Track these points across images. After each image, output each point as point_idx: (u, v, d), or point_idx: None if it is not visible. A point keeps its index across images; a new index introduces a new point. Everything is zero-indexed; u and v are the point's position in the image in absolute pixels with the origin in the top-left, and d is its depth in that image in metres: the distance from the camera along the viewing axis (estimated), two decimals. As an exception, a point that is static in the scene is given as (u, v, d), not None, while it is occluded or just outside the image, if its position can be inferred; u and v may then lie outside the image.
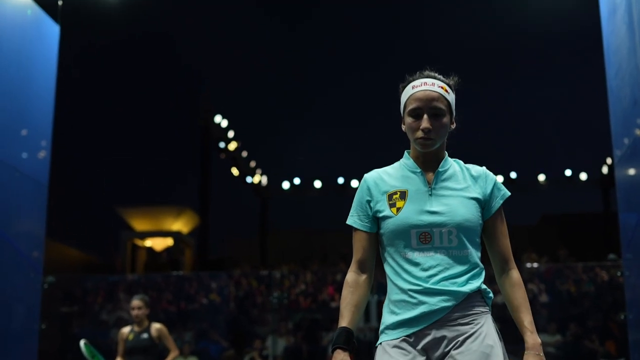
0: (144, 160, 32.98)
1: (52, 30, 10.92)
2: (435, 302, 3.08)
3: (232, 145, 27.53)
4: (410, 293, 3.12)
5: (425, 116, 3.17)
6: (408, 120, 3.23)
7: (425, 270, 3.12)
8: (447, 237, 3.13)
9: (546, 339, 16.33)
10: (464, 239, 3.16)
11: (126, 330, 9.28)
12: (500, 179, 26.64)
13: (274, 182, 30.12)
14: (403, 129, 3.30)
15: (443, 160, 3.28)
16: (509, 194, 3.33)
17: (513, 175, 27.60)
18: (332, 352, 3.08)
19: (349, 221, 3.32)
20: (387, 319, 3.18)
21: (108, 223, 32.83)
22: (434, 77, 3.25)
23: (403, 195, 3.21)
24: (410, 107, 3.22)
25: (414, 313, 3.07)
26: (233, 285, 19.36)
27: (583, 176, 27.76)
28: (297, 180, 29.36)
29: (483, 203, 3.25)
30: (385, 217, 3.21)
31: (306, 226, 33.56)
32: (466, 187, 3.24)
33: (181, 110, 31.46)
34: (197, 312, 18.78)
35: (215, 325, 18.38)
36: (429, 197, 3.19)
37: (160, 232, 31.02)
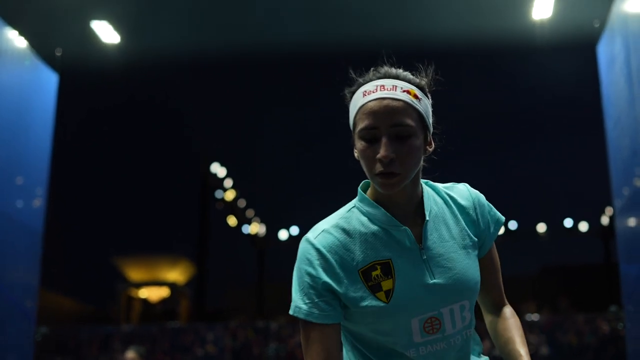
0: (140, 209, 32.93)
1: (50, 79, 10.93)
2: None
3: (230, 195, 27.48)
4: None
5: (384, 139, 1.97)
6: (359, 145, 2.03)
7: None
8: (459, 315, 2.09)
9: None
10: (473, 309, 2.17)
11: (120, 383, 9.12)
12: (500, 230, 26.79)
13: (272, 232, 30.02)
14: (356, 155, 2.08)
15: (424, 200, 2.13)
16: (503, 218, 2.28)
17: (513, 225, 27.52)
18: None
19: (297, 312, 2.03)
20: None
21: (103, 272, 32.66)
22: (396, 77, 2.06)
23: (387, 269, 2.03)
24: (360, 125, 2.02)
25: None
26: (229, 336, 19.16)
27: (583, 226, 27.71)
28: (294, 230, 29.26)
29: (479, 241, 2.20)
30: (369, 309, 2.01)
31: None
32: (460, 230, 2.15)
33: (177, 159, 31.47)
34: (192, 364, 18.56)
35: (211, 377, 18.16)
36: (423, 264, 2.05)
37: (156, 282, 30.84)
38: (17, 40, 9.99)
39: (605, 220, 26.72)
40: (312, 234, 2.08)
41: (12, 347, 9.59)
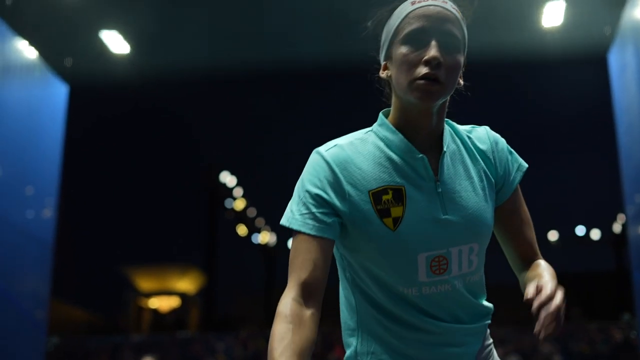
0: (149, 219, 32.98)
1: (60, 90, 10.95)
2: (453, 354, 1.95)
3: (240, 204, 27.47)
4: (415, 345, 1.93)
5: (433, 42, 1.80)
6: (400, 51, 1.85)
7: (443, 310, 1.94)
8: (467, 258, 1.93)
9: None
10: (481, 256, 1.99)
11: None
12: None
13: (282, 240, 30.01)
14: (384, 75, 1.94)
15: (443, 133, 1.97)
16: (526, 165, 2.09)
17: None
18: None
19: (288, 222, 1.88)
20: None
21: (113, 282, 32.67)
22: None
23: (399, 196, 1.88)
24: (407, 29, 1.84)
25: None
26: (240, 346, 19.11)
27: (595, 234, 27.62)
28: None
29: (496, 186, 2.02)
30: (373, 234, 1.86)
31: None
32: (477, 172, 1.99)
33: (187, 168, 31.51)
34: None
35: (222, 387, 18.11)
36: (437, 197, 1.90)
37: (166, 291, 30.83)
38: (27, 50, 10.01)
39: (617, 227, 26.61)
40: (324, 147, 1.94)
41: (24, 357, 9.59)
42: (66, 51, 11.22)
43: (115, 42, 11.82)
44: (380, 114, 1.98)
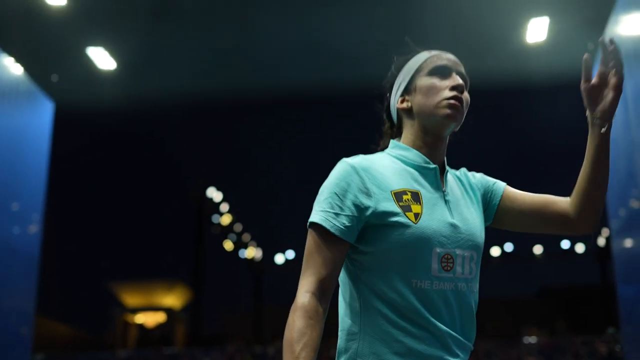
0: (136, 234, 32.92)
1: (46, 106, 10.96)
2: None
3: (226, 219, 27.46)
4: (425, 341, 2.06)
5: (454, 74, 2.21)
6: (427, 81, 2.23)
7: (447, 310, 2.10)
8: (468, 263, 2.15)
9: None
10: (478, 269, 2.20)
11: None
12: (496, 251, 26.20)
13: (268, 256, 29.97)
14: (405, 105, 2.27)
15: (445, 159, 2.31)
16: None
17: (509, 247, 27.47)
18: None
19: (317, 217, 2.06)
20: None
21: (99, 298, 32.58)
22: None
23: (416, 197, 2.14)
24: (432, 65, 2.24)
25: None
26: (226, 361, 19.07)
27: (580, 248, 27.70)
28: (290, 254, 29.23)
29: (483, 206, 2.34)
30: (397, 225, 2.06)
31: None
32: (469, 194, 2.32)
33: (173, 184, 31.50)
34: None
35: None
36: (445, 204, 2.18)
37: (152, 307, 30.71)
38: (13, 67, 10.02)
39: (601, 241, 26.72)
40: (348, 158, 2.16)
41: (8, 374, 9.55)
42: (52, 68, 11.22)
43: (102, 59, 11.83)
44: (392, 141, 2.29)
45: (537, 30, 11.71)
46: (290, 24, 12.23)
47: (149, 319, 30.70)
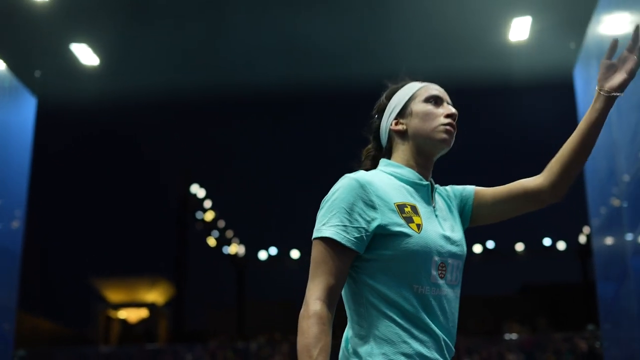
0: (119, 230, 32.77)
1: (29, 102, 10.93)
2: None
3: (209, 215, 27.44)
4: (426, 343, 2.25)
5: (446, 104, 2.50)
6: (425, 108, 2.47)
7: (442, 315, 2.31)
8: (456, 272, 2.38)
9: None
10: (461, 277, 2.45)
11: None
12: (478, 248, 26.33)
13: (251, 252, 29.97)
14: (400, 127, 2.50)
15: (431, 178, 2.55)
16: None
17: (490, 244, 27.58)
18: None
19: (329, 232, 2.22)
20: None
21: (81, 294, 32.44)
22: None
23: (415, 210, 2.35)
24: (427, 94, 2.49)
25: None
26: (209, 357, 19.08)
27: (561, 245, 27.84)
28: (273, 251, 29.25)
29: (459, 212, 2.60)
30: (400, 235, 2.26)
31: (284, 296, 33.37)
32: (450, 209, 2.57)
33: (156, 180, 31.42)
34: (171, 385, 18.46)
35: (190, 399, 18.07)
36: (436, 218, 2.41)
37: (135, 303, 30.65)
38: (-4, 62, 10.00)
39: (582, 239, 26.88)
40: (351, 174, 2.34)
41: (-10, 370, 9.54)
42: (35, 63, 11.21)
43: (85, 55, 11.81)
44: (383, 160, 2.52)
45: (519, 30, 11.78)
46: (268, 22, 12.28)
47: (132, 315, 30.65)
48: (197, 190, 26.49)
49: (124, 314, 30.70)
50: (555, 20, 11.50)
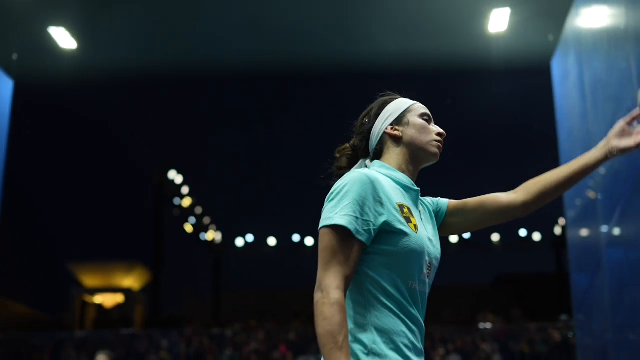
0: (95, 215, 32.62)
1: (5, 85, 10.85)
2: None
3: (186, 202, 27.38)
4: (408, 336, 2.42)
5: (433, 124, 2.78)
6: (419, 121, 2.71)
7: (422, 310, 2.54)
8: (434, 273, 2.62)
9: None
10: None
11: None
12: (454, 239, 26.48)
13: (228, 239, 29.94)
14: (397, 133, 2.71)
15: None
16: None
17: (467, 235, 27.66)
18: None
19: (343, 221, 2.36)
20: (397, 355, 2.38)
21: (57, 279, 32.27)
22: None
23: (410, 212, 2.55)
24: (423, 111, 2.74)
25: None
26: (184, 343, 19.08)
27: (537, 237, 28.01)
28: (250, 238, 29.24)
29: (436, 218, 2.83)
30: (402, 234, 2.44)
31: (260, 284, 33.39)
32: (430, 212, 2.79)
33: (134, 165, 31.27)
34: (146, 371, 18.44)
35: (165, 385, 18.06)
36: (421, 222, 2.60)
37: (111, 288, 30.55)
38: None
39: (558, 230, 27.05)
40: (362, 170, 2.52)
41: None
42: (13, 46, 11.13)
43: (63, 39, 11.74)
44: (377, 161, 2.71)
45: (498, 21, 11.83)
46: (242, 0, 12.24)
47: (108, 300, 30.55)
48: (175, 177, 26.41)
49: (99, 299, 30.60)
50: (534, 12, 11.55)
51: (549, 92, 11.66)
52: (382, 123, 2.73)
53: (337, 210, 2.38)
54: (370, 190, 2.41)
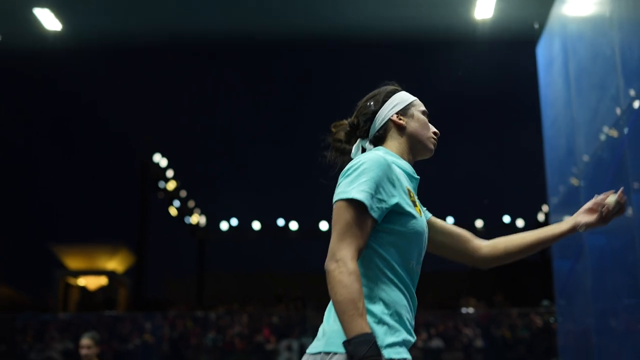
0: (80, 197, 32.52)
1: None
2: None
3: (171, 185, 27.33)
4: (409, 311, 2.60)
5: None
6: (422, 117, 2.92)
7: (414, 289, 2.68)
8: (422, 257, 2.78)
9: (480, 385, 16.44)
10: None
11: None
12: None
13: (212, 223, 29.92)
14: (402, 122, 2.86)
15: None
16: None
17: (450, 220, 27.77)
18: None
19: (360, 196, 2.47)
20: (384, 332, 2.48)
21: (40, 260, 32.19)
22: None
23: (414, 197, 2.74)
24: (424, 109, 2.95)
25: (412, 339, 2.58)
26: (168, 326, 19.10)
27: (520, 223, 28.12)
28: (234, 222, 29.23)
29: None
30: (410, 216, 2.60)
31: (244, 268, 33.41)
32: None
33: (119, 148, 31.17)
34: (130, 353, 18.45)
35: (148, 367, 18.09)
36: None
37: (95, 271, 30.50)
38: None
39: (541, 217, 27.18)
40: (380, 152, 2.67)
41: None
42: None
43: (48, 20, 11.69)
44: (381, 147, 2.84)
45: (484, 7, 11.85)
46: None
47: (91, 282, 30.52)
48: (160, 160, 26.34)
49: (83, 281, 30.56)
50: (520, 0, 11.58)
51: (534, 79, 11.68)
52: (389, 110, 2.88)
53: (354, 186, 2.50)
54: (387, 171, 2.56)
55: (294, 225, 28.51)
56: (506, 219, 28.24)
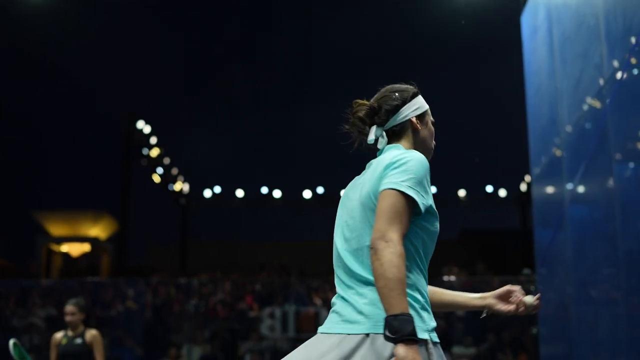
0: (62, 163, 32.41)
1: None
2: None
3: (154, 152, 27.24)
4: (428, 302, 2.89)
5: None
6: (433, 129, 3.23)
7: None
8: None
9: (461, 352, 16.58)
10: None
11: (59, 335, 8.88)
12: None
13: (196, 190, 29.89)
14: (417, 126, 3.12)
15: None
16: None
17: (433, 189, 27.73)
18: (405, 342, 2.45)
19: (413, 193, 2.75)
20: (427, 318, 2.79)
21: (23, 227, 32.13)
22: None
23: None
24: (432, 118, 3.23)
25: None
26: (150, 293, 19.13)
27: (502, 193, 28.22)
28: (217, 189, 29.20)
29: None
30: (437, 217, 2.93)
31: (227, 235, 33.44)
32: None
33: (102, 114, 31.01)
34: (112, 319, 18.49)
35: (131, 333, 18.12)
36: None
37: (77, 238, 30.45)
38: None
39: (524, 187, 27.29)
40: (417, 152, 2.90)
41: None
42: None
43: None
44: (400, 145, 3.07)
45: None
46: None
47: (74, 249, 30.48)
48: (143, 126, 26.21)
49: (66, 248, 30.51)
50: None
51: (518, 48, 11.68)
52: (411, 111, 3.10)
53: (404, 179, 2.76)
54: (427, 173, 2.84)
55: (277, 193, 28.50)
56: (489, 188, 28.33)
